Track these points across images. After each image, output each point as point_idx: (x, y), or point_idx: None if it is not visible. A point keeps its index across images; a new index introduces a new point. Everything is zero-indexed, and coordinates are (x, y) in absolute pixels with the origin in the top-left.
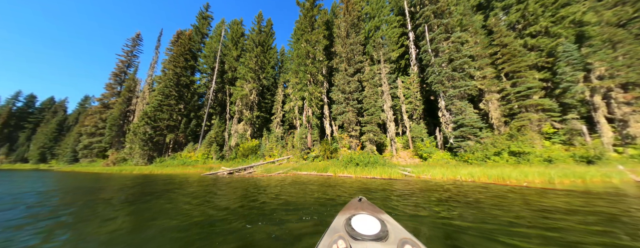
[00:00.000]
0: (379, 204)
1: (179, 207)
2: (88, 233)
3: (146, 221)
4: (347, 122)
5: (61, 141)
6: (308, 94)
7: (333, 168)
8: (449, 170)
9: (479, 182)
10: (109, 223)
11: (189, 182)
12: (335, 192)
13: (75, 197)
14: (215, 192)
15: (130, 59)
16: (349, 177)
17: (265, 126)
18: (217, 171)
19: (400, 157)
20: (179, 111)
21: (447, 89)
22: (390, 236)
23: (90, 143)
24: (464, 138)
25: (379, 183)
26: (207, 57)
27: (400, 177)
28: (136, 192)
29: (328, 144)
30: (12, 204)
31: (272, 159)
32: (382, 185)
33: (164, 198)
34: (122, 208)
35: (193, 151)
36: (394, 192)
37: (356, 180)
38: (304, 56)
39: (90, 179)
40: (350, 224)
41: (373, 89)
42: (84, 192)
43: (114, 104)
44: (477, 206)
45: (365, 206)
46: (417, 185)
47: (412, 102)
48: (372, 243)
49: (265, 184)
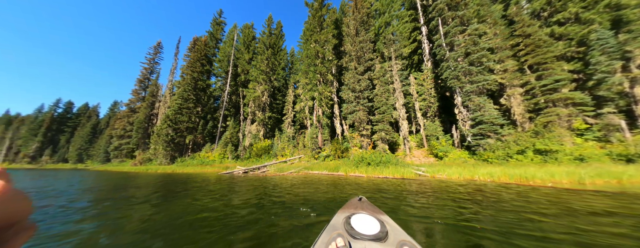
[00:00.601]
0: (392, 205)
1: (203, 202)
2: (123, 223)
3: (175, 212)
4: (358, 121)
5: (95, 143)
6: (318, 93)
7: (344, 168)
8: (467, 169)
9: (499, 182)
10: (142, 212)
11: (208, 181)
12: (347, 190)
13: (110, 193)
14: (234, 189)
15: (153, 66)
16: (361, 176)
17: (277, 126)
18: (233, 170)
19: (414, 156)
20: (197, 113)
21: (463, 85)
22: (389, 237)
23: (119, 144)
24: (483, 136)
25: (391, 183)
26: (221, 61)
27: (414, 176)
28: (163, 189)
29: (339, 144)
30: (67, 195)
31: (284, 159)
32: (395, 185)
33: (189, 195)
34: (151, 201)
35: (210, 151)
36: (408, 192)
37: (368, 180)
38: (314, 56)
39: (120, 177)
40: (349, 223)
41: (384, 87)
42: (117, 188)
43: (139, 108)
44: (498, 207)
45: (365, 206)
46: (432, 185)
47: (426, 99)
48: (371, 243)
49: (279, 183)
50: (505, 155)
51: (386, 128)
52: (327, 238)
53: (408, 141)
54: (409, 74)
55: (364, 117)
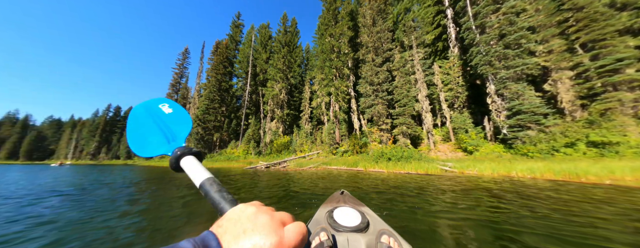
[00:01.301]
0: (414, 202)
1: (233, 192)
2: (163, 208)
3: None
4: (377, 115)
5: None
6: (334, 89)
7: (363, 163)
8: (502, 164)
9: (541, 178)
10: (181, 200)
11: (236, 174)
12: (365, 184)
13: (154, 183)
14: (257, 183)
15: (182, 70)
16: (381, 172)
17: (295, 123)
18: (256, 165)
19: (439, 150)
20: (222, 113)
21: (497, 71)
22: (370, 227)
23: None
24: (521, 128)
25: (414, 178)
26: (241, 62)
27: (439, 172)
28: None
29: (357, 139)
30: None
31: (302, 154)
32: (418, 181)
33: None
34: (189, 190)
35: (235, 148)
36: (433, 189)
37: (389, 176)
38: (329, 51)
39: (160, 171)
40: (332, 217)
41: (405, 78)
42: (158, 180)
43: None
44: (543, 205)
45: (346, 199)
46: (461, 181)
47: (453, 89)
48: (352, 234)
49: (299, 177)
50: (549, 148)
51: (408, 121)
52: (311, 234)
53: (432, 135)
54: (432, 63)
55: (383, 111)
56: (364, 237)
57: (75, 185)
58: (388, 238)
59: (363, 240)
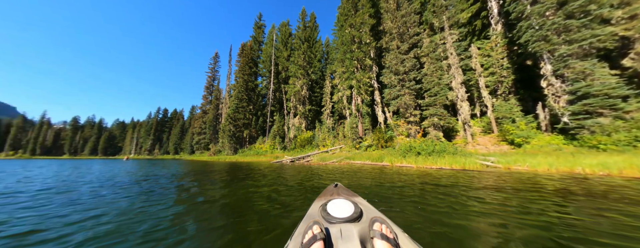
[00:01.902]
0: (450, 201)
1: (265, 183)
2: (207, 194)
3: (243, 190)
4: (403, 107)
5: (184, 139)
6: (356, 81)
7: (389, 158)
8: (562, 159)
9: (618, 176)
10: (221, 191)
11: (265, 168)
12: (393, 180)
13: (202, 175)
14: (285, 176)
15: (214, 73)
16: (409, 167)
17: (317, 118)
18: (281, 159)
19: (478, 143)
20: (249, 111)
21: (556, 47)
22: (363, 216)
23: (199, 140)
24: (590, 115)
25: (448, 175)
26: (264, 61)
27: (479, 167)
28: (232, 173)
29: (381, 133)
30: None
31: (325, 149)
32: (452, 178)
33: (251, 178)
34: (227, 181)
35: (262, 143)
36: (473, 186)
37: (418, 171)
38: (349, 42)
39: (202, 164)
40: (325, 210)
41: (435, 64)
42: (202, 171)
43: (208, 110)
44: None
45: (340, 191)
46: (507, 178)
47: (495, 73)
48: (346, 224)
49: (323, 171)
50: (630, 138)
51: (439, 112)
52: (304, 227)
53: (470, 126)
54: (469, 45)
55: (411, 102)
56: (356, 226)
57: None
58: (380, 225)
59: (356, 230)
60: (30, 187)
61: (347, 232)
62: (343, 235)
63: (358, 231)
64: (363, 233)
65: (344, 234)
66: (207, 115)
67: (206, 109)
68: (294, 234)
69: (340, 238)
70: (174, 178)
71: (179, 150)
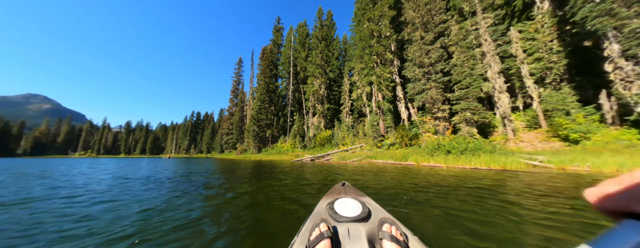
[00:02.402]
0: (493, 205)
1: (288, 179)
2: (235, 187)
3: (270, 186)
4: (430, 102)
5: (214, 139)
6: (376, 77)
7: (414, 157)
8: (637, 158)
9: None
10: (248, 185)
11: (287, 166)
12: (416, 181)
13: (231, 172)
14: (306, 177)
15: (239, 77)
16: (437, 166)
17: (336, 117)
18: (302, 158)
19: (521, 140)
20: (271, 112)
21: (625, 22)
22: (371, 216)
23: (227, 140)
24: None
25: (486, 176)
26: (284, 63)
27: (523, 168)
28: (257, 171)
29: (405, 130)
30: (205, 171)
31: (345, 147)
32: (493, 179)
33: (275, 176)
34: (254, 176)
35: (284, 142)
36: (520, 190)
37: (449, 171)
38: (368, 37)
39: (230, 162)
40: (332, 208)
41: (466, 53)
42: (231, 168)
43: (235, 112)
44: None
45: (348, 190)
46: (563, 181)
47: (542, 59)
48: (353, 224)
49: (343, 170)
50: None
51: (473, 106)
52: (311, 225)
53: (510, 121)
54: (507, 29)
55: (438, 96)
56: (364, 226)
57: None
58: (389, 226)
59: (364, 230)
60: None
61: (355, 231)
62: (351, 235)
63: (366, 231)
64: (371, 234)
65: (351, 234)
66: (234, 116)
67: (232, 111)
68: (301, 231)
69: (347, 238)
70: (212, 174)
71: (210, 149)
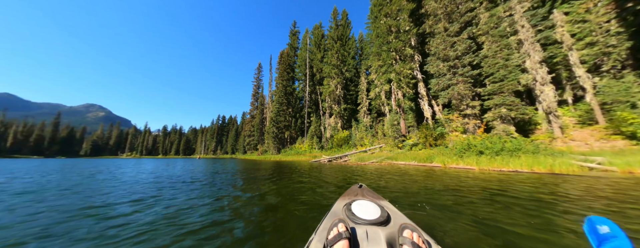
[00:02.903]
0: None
1: (308, 179)
2: (256, 187)
3: (290, 186)
4: (457, 98)
5: (238, 140)
6: (395, 74)
7: (441, 158)
8: None
9: None
10: (269, 184)
11: (305, 167)
12: (446, 184)
13: (253, 172)
14: (325, 180)
15: (259, 82)
16: (468, 169)
17: (354, 117)
18: (319, 159)
19: (571, 139)
20: (289, 113)
21: None
22: (391, 221)
23: (249, 141)
24: None
25: (528, 179)
26: (300, 66)
27: (576, 171)
28: (278, 170)
29: (429, 129)
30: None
31: (363, 148)
32: (537, 184)
33: (294, 176)
34: (274, 176)
35: (302, 143)
36: (578, 197)
37: (482, 174)
38: (385, 33)
39: (252, 163)
40: (350, 209)
41: (499, 43)
42: (253, 168)
43: (255, 115)
44: None
45: (365, 192)
46: (635, 187)
47: (597, 43)
48: (372, 227)
49: (362, 172)
50: None
51: (509, 101)
52: (329, 224)
53: (557, 116)
54: (549, 12)
55: (467, 91)
56: (384, 231)
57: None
58: (411, 233)
59: (383, 234)
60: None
61: (374, 234)
62: (369, 238)
63: (385, 236)
64: (391, 239)
65: (370, 236)
66: (254, 119)
67: (253, 114)
68: (319, 229)
69: (366, 240)
70: (239, 173)
71: (234, 150)
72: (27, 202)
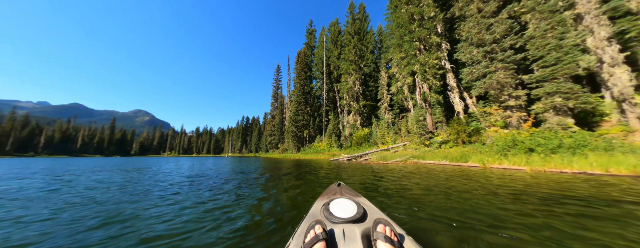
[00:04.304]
0: None
1: (326, 178)
2: (275, 184)
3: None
4: (495, 88)
5: (261, 140)
6: (419, 65)
7: (478, 157)
8: None
9: None
10: (290, 180)
11: (324, 166)
12: (497, 189)
13: (275, 170)
14: (342, 176)
15: (278, 83)
16: (516, 169)
17: (374, 113)
18: (338, 157)
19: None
20: (307, 112)
21: None
22: (367, 217)
23: (270, 140)
24: None
25: (607, 184)
26: (317, 64)
27: None
28: (298, 168)
29: (461, 125)
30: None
31: (385, 146)
32: (623, 190)
33: (313, 174)
34: (295, 174)
35: (320, 142)
36: None
37: (538, 175)
38: (407, 22)
39: (274, 162)
40: (328, 209)
41: (549, 19)
42: (274, 166)
43: (276, 115)
44: None
45: (343, 190)
46: None
47: None
48: (349, 225)
49: (385, 172)
50: None
51: (565, 88)
52: (306, 227)
53: (633, 104)
54: None
55: (508, 79)
56: (359, 227)
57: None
58: (384, 227)
59: (358, 230)
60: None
61: (350, 232)
62: (346, 236)
63: (361, 232)
64: (366, 235)
65: (347, 235)
66: (275, 119)
67: (274, 114)
68: (296, 233)
69: (343, 239)
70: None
71: (258, 149)
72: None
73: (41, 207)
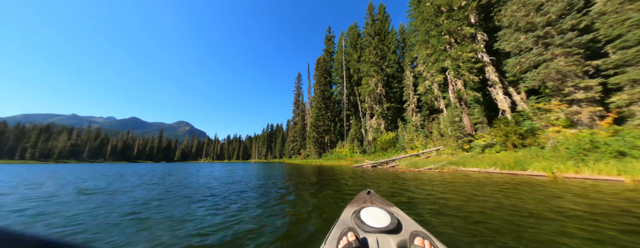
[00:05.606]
0: None
1: (350, 187)
2: (301, 193)
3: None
4: (555, 79)
5: (284, 146)
6: (451, 60)
7: (541, 164)
8: None
9: None
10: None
11: (348, 174)
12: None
13: (296, 175)
14: (369, 185)
15: (299, 90)
16: (607, 180)
17: (399, 116)
18: (362, 164)
19: None
20: (328, 118)
21: None
22: (401, 228)
23: (292, 147)
24: None
25: None
26: (337, 69)
27: None
28: (319, 175)
29: (510, 125)
30: (276, 173)
31: (414, 152)
32: None
33: (337, 182)
34: (316, 180)
35: (342, 147)
36: None
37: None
38: (433, 15)
39: (296, 167)
40: (359, 217)
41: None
42: (298, 172)
43: (297, 122)
44: None
45: (374, 199)
46: None
47: None
48: (382, 235)
49: (421, 182)
50: None
51: None
52: (338, 233)
53: None
54: None
55: (572, 67)
56: (394, 238)
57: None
58: (422, 240)
59: (393, 242)
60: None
61: (384, 243)
62: (380, 247)
63: (396, 244)
64: (402, 247)
65: (381, 245)
66: (296, 126)
67: (296, 121)
68: (328, 239)
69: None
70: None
71: (281, 155)
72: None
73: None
